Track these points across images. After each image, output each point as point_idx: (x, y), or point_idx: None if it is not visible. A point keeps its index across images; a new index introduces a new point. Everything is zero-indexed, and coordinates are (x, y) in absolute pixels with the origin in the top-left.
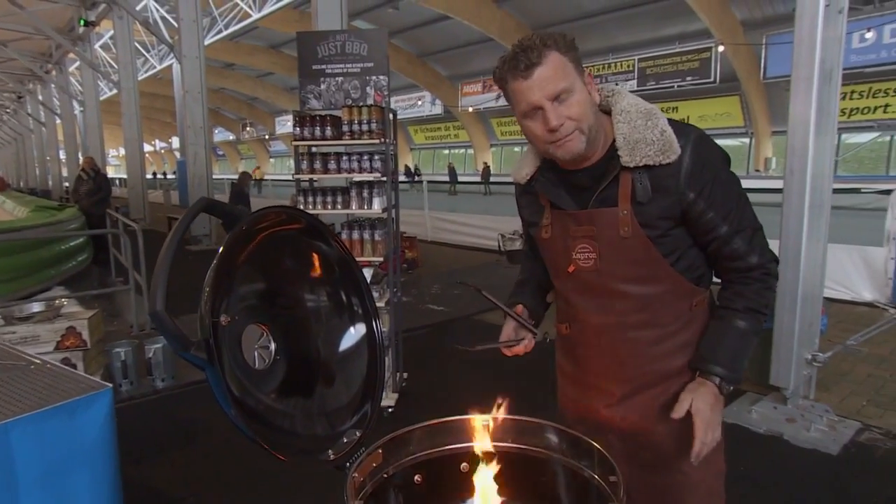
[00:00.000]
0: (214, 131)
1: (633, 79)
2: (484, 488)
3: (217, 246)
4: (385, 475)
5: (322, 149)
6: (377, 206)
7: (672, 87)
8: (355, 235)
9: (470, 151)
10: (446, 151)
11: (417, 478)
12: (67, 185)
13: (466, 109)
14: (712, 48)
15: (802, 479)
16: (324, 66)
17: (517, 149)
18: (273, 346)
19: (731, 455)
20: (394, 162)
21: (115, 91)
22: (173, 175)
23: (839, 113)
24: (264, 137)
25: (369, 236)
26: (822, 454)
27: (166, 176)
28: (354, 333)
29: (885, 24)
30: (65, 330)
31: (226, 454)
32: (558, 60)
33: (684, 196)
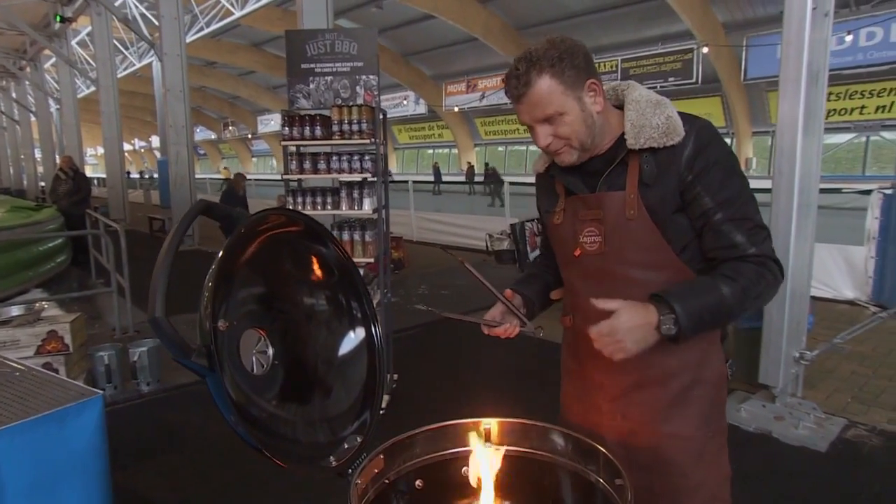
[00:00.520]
0: (196, 130)
1: (616, 79)
2: (486, 493)
3: (200, 246)
4: (386, 481)
5: (311, 149)
6: (368, 206)
7: (655, 87)
8: (346, 236)
9: (454, 151)
10: (430, 151)
11: (419, 483)
12: (43, 184)
13: (452, 109)
14: (694, 49)
15: (792, 476)
16: (313, 65)
17: (501, 148)
18: (271, 351)
19: None
20: (384, 162)
21: (92, 89)
22: (136, 174)
23: None
24: (247, 137)
25: (360, 237)
26: (811, 451)
27: (143, 176)
28: (354, 338)
29: (861, 28)
30: (45, 334)
31: (214, 458)
32: (545, 86)
33: (683, 179)
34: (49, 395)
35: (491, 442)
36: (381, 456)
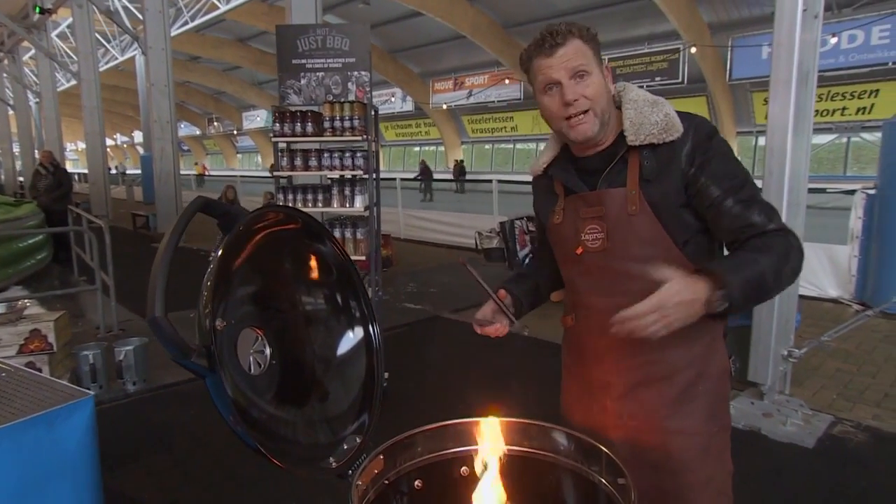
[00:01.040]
0: (179, 126)
1: None
2: (486, 493)
3: (186, 243)
4: (386, 481)
5: (301, 145)
6: (359, 203)
7: (641, 86)
8: (337, 234)
9: (441, 148)
10: (417, 148)
11: (418, 483)
12: (22, 179)
13: (439, 107)
14: (681, 49)
15: (781, 472)
16: (304, 61)
17: (487, 146)
18: (268, 350)
19: None
20: (375, 159)
21: (72, 82)
22: (113, 170)
23: None
24: (232, 133)
25: (351, 234)
26: (799, 448)
27: (117, 170)
28: (352, 337)
29: (843, 31)
30: (28, 333)
31: (203, 458)
32: (580, 45)
33: (686, 173)
34: (37, 396)
35: (490, 441)
36: (381, 456)
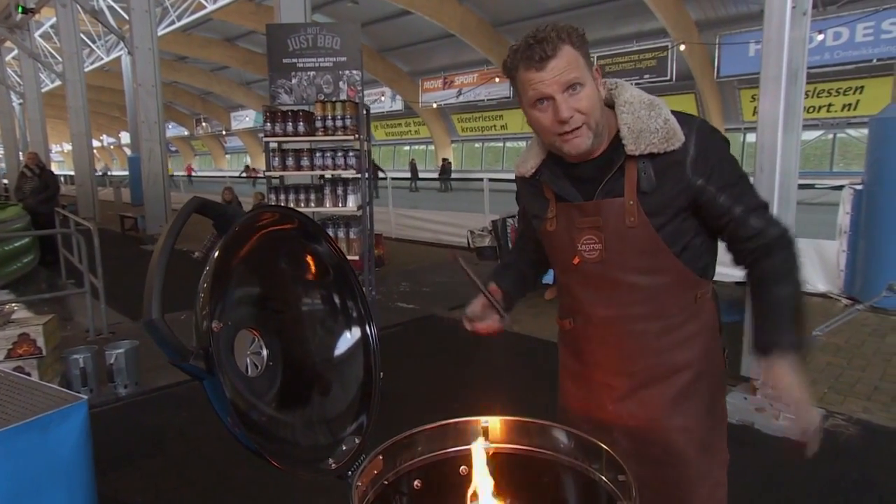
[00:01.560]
0: (167, 126)
1: None
2: (485, 492)
3: (176, 245)
4: (385, 482)
5: (293, 145)
6: (352, 203)
7: (631, 84)
8: (329, 233)
9: (431, 147)
10: (407, 148)
11: (417, 483)
12: (7, 181)
13: (429, 106)
14: (669, 47)
15: (774, 466)
16: (295, 60)
17: (477, 145)
18: (265, 352)
19: None
20: (367, 158)
21: (57, 83)
22: (98, 171)
23: None
24: (220, 133)
25: (344, 234)
26: (791, 442)
27: (107, 174)
28: (350, 338)
29: (828, 28)
30: (17, 337)
31: (197, 462)
32: (571, 54)
33: (692, 183)
34: (29, 401)
35: (489, 440)
36: (380, 457)
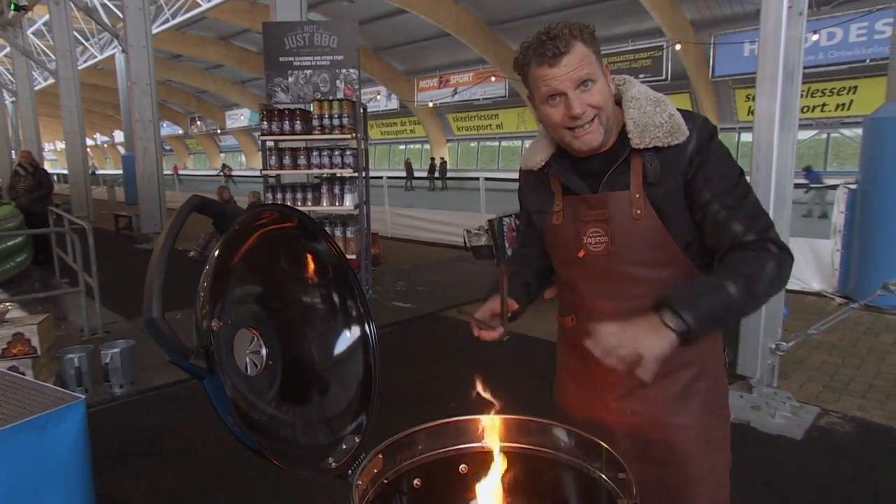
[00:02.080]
0: (162, 125)
1: None
2: (486, 491)
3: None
4: (385, 481)
5: (289, 143)
6: (349, 202)
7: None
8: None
9: (426, 147)
10: (402, 147)
11: (417, 482)
12: (0, 180)
13: (425, 105)
14: (664, 46)
15: (770, 464)
16: (291, 59)
17: (473, 144)
18: (265, 350)
19: None
20: (364, 157)
21: (50, 81)
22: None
23: None
24: (215, 132)
25: (341, 233)
26: (788, 439)
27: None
28: (349, 337)
29: (822, 29)
30: (11, 337)
31: (194, 461)
32: (583, 50)
33: (686, 175)
34: (26, 400)
35: (489, 439)
36: (380, 456)
